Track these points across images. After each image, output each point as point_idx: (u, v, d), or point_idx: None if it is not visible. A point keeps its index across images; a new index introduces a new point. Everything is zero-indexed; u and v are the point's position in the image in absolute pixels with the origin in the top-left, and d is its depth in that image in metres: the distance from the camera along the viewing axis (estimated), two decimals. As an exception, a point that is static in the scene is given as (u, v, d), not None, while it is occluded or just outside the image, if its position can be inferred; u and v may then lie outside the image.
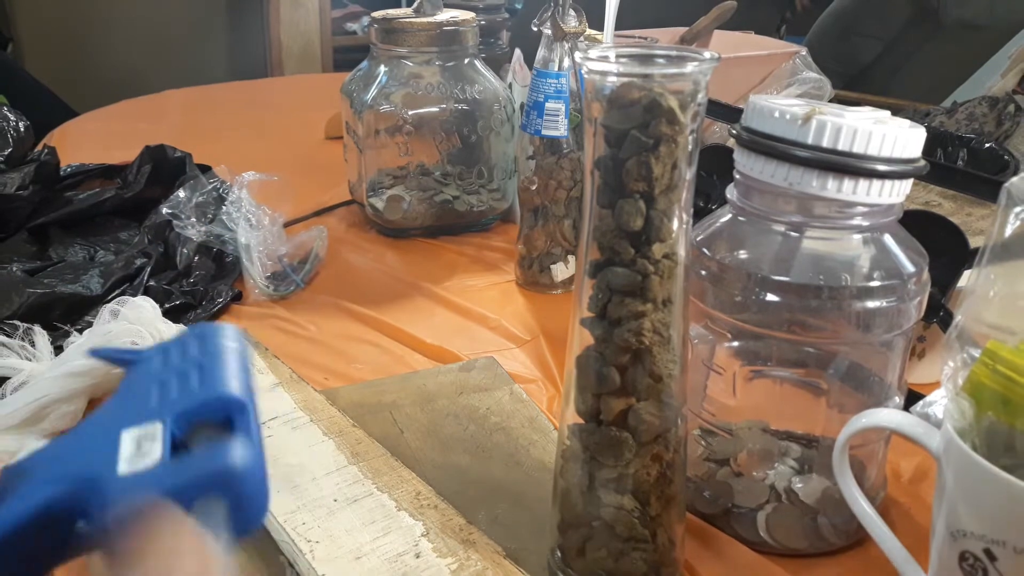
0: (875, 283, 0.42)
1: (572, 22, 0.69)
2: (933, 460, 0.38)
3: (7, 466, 0.18)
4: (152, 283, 0.73)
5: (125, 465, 0.17)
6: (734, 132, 0.44)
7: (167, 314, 0.66)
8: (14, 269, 0.73)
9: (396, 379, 0.62)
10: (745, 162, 0.43)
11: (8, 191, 0.81)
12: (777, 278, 0.42)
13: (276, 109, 1.47)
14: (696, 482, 0.48)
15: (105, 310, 0.61)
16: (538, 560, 0.44)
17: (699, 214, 0.44)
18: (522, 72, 0.88)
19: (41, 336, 0.60)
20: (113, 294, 0.71)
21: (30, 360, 0.58)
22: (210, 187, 0.83)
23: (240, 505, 0.18)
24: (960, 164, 0.74)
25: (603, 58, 0.35)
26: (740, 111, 0.44)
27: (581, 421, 0.40)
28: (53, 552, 0.17)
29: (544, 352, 0.67)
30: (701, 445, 0.49)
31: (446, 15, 0.86)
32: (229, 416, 0.19)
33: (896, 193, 0.41)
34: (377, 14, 0.87)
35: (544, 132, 0.73)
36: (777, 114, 0.41)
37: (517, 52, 0.90)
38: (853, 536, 0.46)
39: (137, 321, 0.60)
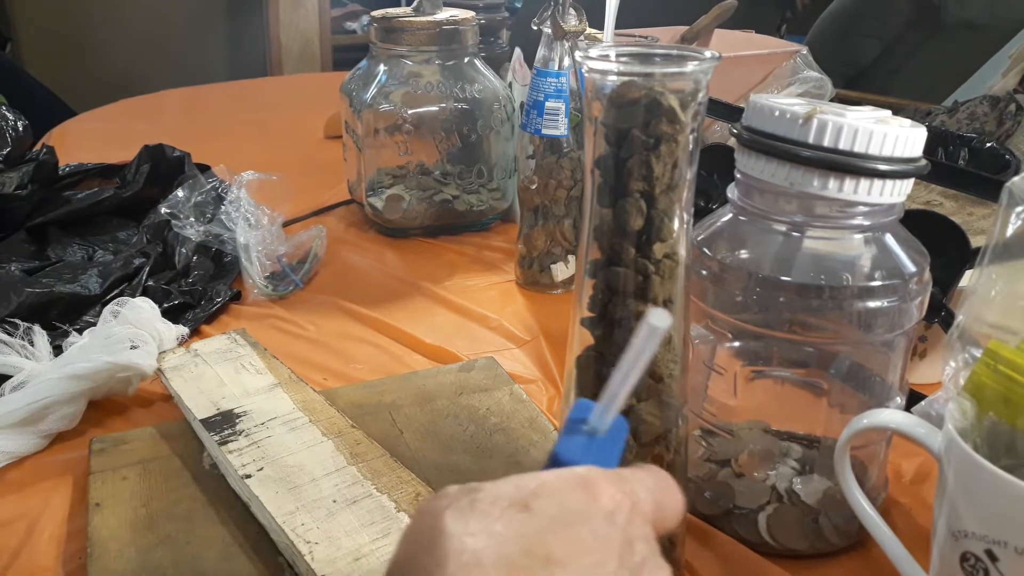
0: (876, 283, 0.41)
1: (572, 21, 0.69)
2: (934, 460, 0.37)
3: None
4: (151, 283, 0.73)
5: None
6: (735, 131, 0.43)
7: (166, 314, 0.66)
8: (12, 269, 0.73)
9: (395, 379, 0.62)
10: (746, 161, 0.42)
11: (7, 190, 0.81)
12: (778, 278, 0.42)
13: (275, 109, 1.47)
14: (697, 483, 0.48)
15: (106, 311, 0.61)
16: (538, 561, 0.44)
17: (700, 214, 0.44)
18: (522, 71, 0.88)
19: (40, 336, 0.60)
20: (112, 294, 0.71)
21: (29, 359, 0.58)
22: (209, 186, 0.83)
23: None
24: (961, 164, 0.74)
25: (603, 57, 0.35)
26: (741, 110, 0.44)
27: (581, 422, 0.39)
28: None
29: (544, 352, 0.67)
30: (702, 446, 0.49)
31: (446, 14, 0.86)
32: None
33: (897, 193, 0.41)
34: (377, 13, 0.86)
35: (544, 131, 0.73)
36: (778, 113, 0.41)
37: (517, 51, 0.90)
38: (854, 537, 0.46)
39: (136, 322, 0.60)
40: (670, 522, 0.26)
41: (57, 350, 0.60)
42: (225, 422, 0.52)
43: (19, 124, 0.89)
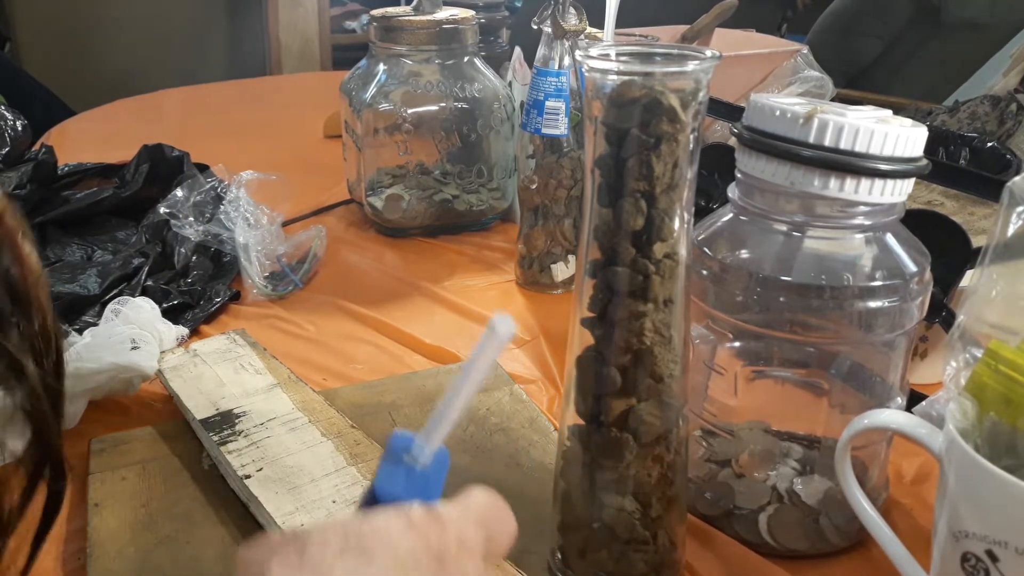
0: (877, 283, 0.41)
1: (572, 20, 0.69)
2: (935, 461, 0.37)
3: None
4: (150, 283, 0.73)
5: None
6: (735, 131, 0.43)
7: (165, 314, 0.65)
8: (12, 269, 0.72)
9: (395, 379, 0.62)
10: (746, 161, 0.42)
11: (5, 190, 0.81)
12: (779, 278, 0.42)
13: (275, 108, 1.47)
14: (697, 483, 0.48)
15: (108, 309, 0.61)
16: (539, 561, 0.44)
17: (700, 213, 0.43)
18: (522, 70, 0.88)
19: (39, 336, 0.60)
20: (111, 294, 0.71)
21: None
22: (208, 186, 0.82)
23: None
24: (962, 163, 0.74)
25: (604, 56, 0.35)
26: (741, 110, 0.44)
27: (581, 422, 0.39)
28: None
29: (544, 352, 0.67)
30: (702, 446, 0.49)
31: (445, 13, 0.86)
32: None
33: (898, 192, 0.41)
34: (376, 12, 0.86)
35: (544, 131, 0.73)
36: (779, 113, 0.40)
37: (517, 50, 0.90)
38: (855, 537, 0.46)
39: (137, 321, 0.60)
40: (502, 548, 0.26)
41: (56, 350, 0.60)
42: (224, 422, 0.52)
43: (18, 124, 0.89)
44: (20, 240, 0.27)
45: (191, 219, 0.79)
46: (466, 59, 0.87)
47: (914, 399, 0.50)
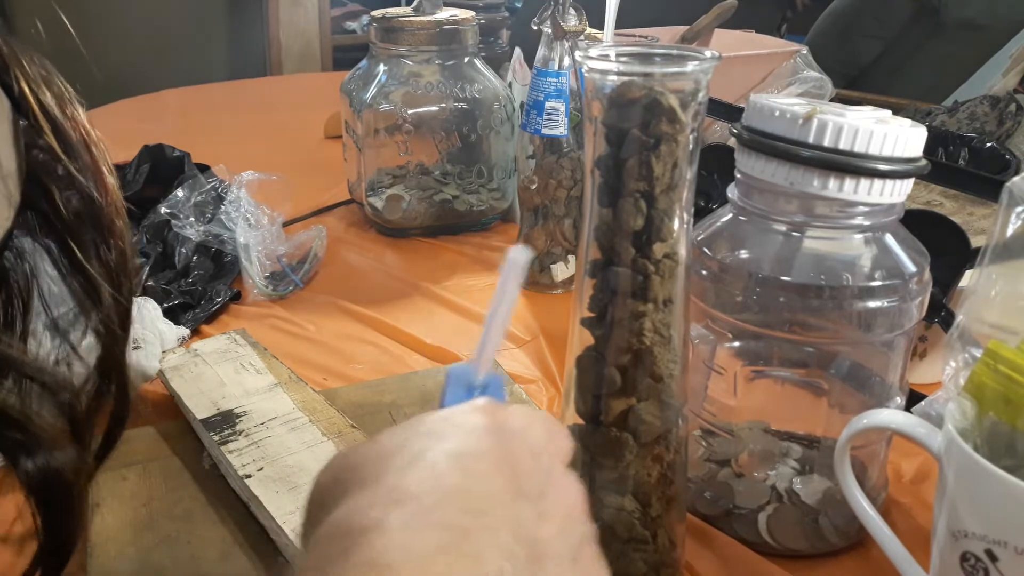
0: (876, 283, 0.41)
1: (572, 21, 0.69)
2: (934, 460, 0.37)
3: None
4: (151, 283, 0.73)
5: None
6: (735, 131, 0.43)
7: (166, 314, 0.66)
8: (13, 269, 0.73)
9: (395, 379, 0.62)
10: (746, 161, 0.42)
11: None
12: (778, 278, 0.42)
13: (275, 108, 1.47)
14: (697, 483, 0.48)
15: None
16: (538, 561, 0.44)
17: (700, 213, 0.44)
18: (522, 71, 0.88)
19: (40, 336, 0.60)
20: (112, 294, 0.71)
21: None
22: (209, 186, 0.82)
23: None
24: (961, 163, 0.74)
25: (604, 57, 0.35)
26: (741, 110, 0.44)
27: (581, 422, 0.39)
28: None
29: (544, 352, 0.67)
30: (702, 446, 0.49)
31: (445, 14, 0.86)
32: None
33: (897, 193, 0.41)
34: (376, 13, 0.86)
35: (544, 131, 0.73)
36: (778, 113, 0.41)
37: (517, 51, 0.90)
38: (854, 537, 0.46)
39: (138, 321, 0.60)
40: (561, 447, 0.27)
41: (57, 350, 0.60)
42: (225, 422, 0.52)
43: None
44: (104, 168, 0.28)
45: (192, 219, 0.79)
46: (466, 60, 0.87)
47: (913, 399, 0.50)
